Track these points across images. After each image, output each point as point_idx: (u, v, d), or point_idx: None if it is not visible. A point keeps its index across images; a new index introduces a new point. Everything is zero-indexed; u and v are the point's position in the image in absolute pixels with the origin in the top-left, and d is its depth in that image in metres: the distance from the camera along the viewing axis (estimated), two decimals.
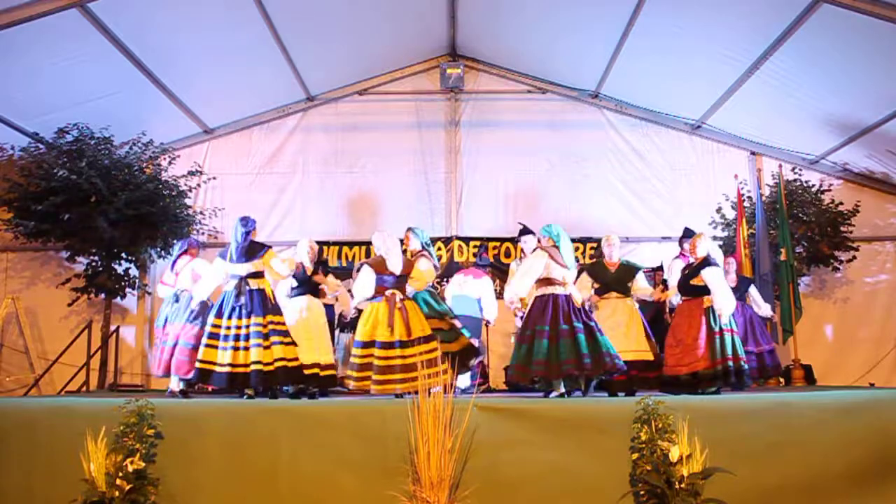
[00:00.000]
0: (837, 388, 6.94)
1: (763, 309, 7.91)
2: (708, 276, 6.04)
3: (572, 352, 5.52)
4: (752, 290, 7.97)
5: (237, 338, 5.71)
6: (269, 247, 6.07)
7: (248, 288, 5.82)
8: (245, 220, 5.99)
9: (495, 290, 7.60)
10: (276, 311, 5.93)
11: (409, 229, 6.66)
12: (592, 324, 5.71)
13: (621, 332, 6.18)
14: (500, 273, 9.04)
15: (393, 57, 9.86)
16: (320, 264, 6.61)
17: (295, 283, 6.37)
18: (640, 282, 6.51)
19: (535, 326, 5.67)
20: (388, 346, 5.60)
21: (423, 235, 6.59)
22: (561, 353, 5.53)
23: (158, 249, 8.89)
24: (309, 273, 6.38)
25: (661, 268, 8.66)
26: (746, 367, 6.04)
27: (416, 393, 4.67)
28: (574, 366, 5.52)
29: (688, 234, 7.34)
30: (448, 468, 4.36)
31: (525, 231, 7.29)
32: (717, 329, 5.98)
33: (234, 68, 8.69)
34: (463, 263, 9.44)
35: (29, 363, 8.83)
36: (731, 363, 5.89)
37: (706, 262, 6.11)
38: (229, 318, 5.78)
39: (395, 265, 5.81)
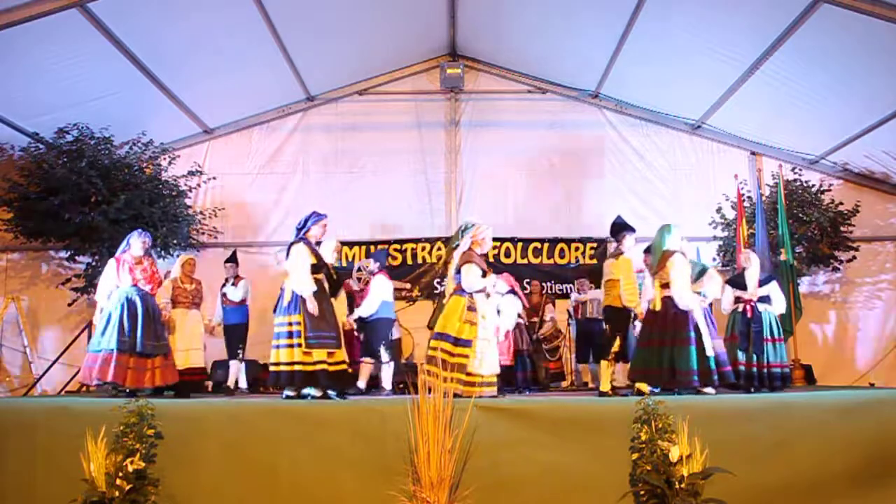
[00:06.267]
0: (837, 388, 6.92)
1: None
2: None
3: None
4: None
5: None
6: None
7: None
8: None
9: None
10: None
11: None
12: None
13: None
14: (498, 273, 9.01)
15: (393, 57, 9.86)
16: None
17: None
18: None
19: None
20: None
21: None
22: None
23: (158, 249, 8.88)
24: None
25: None
26: None
27: None
28: None
29: None
30: (448, 468, 4.36)
31: None
32: None
33: (235, 68, 8.68)
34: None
35: (29, 363, 8.82)
36: None
37: None
38: None
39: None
